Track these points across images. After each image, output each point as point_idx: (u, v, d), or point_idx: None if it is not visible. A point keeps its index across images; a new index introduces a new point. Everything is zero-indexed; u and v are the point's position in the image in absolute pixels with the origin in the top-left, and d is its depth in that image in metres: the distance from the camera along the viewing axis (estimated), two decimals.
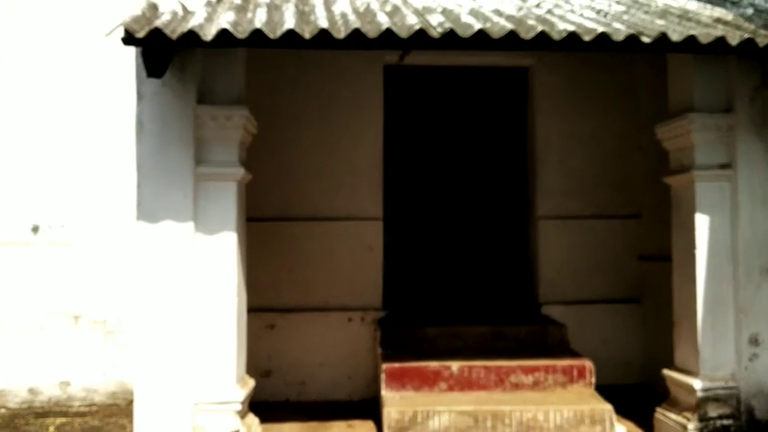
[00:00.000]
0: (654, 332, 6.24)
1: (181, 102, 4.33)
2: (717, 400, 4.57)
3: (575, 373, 5.20)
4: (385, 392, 5.10)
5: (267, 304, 6.11)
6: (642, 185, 6.46)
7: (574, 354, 5.54)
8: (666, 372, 4.93)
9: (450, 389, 5.13)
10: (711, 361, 4.61)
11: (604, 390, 5.19)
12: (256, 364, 5.94)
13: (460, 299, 6.56)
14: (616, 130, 6.53)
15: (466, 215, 6.69)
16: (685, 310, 4.79)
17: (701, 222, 4.65)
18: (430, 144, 6.72)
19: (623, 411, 5.27)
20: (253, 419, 4.69)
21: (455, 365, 5.16)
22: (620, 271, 6.47)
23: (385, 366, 5.16)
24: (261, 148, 5.92)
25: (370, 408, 5.73)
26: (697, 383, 4.59)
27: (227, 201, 4.40)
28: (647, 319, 6.38)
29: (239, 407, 4.35)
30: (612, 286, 6.45)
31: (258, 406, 5.39)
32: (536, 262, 6.48)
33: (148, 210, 4.32)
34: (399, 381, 5.12)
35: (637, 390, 6.29)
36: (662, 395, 5.55)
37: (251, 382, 4.69)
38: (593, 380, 5.22)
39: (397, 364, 5.17)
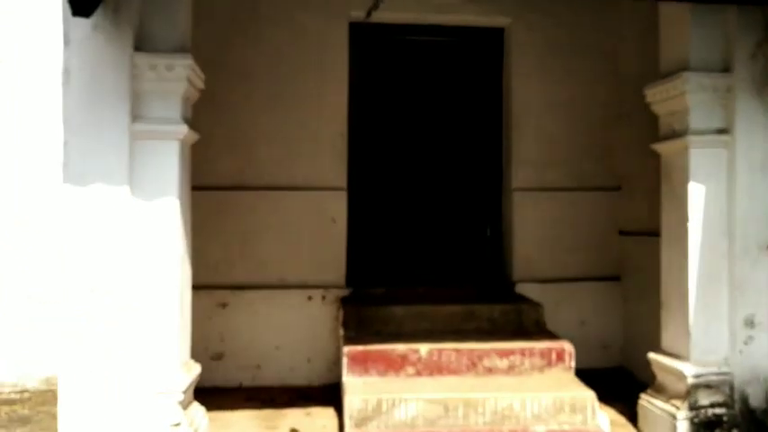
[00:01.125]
0: (634, 312, 5.86)
1: (115, 48, 3.77)
2: (708, 386, 4.19)
3: (553, 356, 4.78)
4: (346, 378, 4.64)
5: (219, 281, 5.61)
6: (624, 156, 6.05)
7: (551, 335, 5.12)
8: (653, 356, 4.53)
9: (419, 374, 4.68)
10: (703, 344, 4.22)
11: (582, 374, 4.79)
12: (207, 345, 5.46)
13: (430, 276, 6.11)
14: (598, 96, 6.10)
15: (436, 186, 6.22)
16: (675, 289, 4.38)
17: (695, 193, 4.23)
18: (399, 109, 6.22)
19: (602, 397, 4.86)
20: (198, 409, 4.19)
21: (424, 348, 4.70)
22: (600, 247, 6.07)
23: (347, 349, 4.69)
24: (211, 110, 5.43)
25: (331, 393, 5.27)
26: (687, 369, 4.19)
27: (168, 162, 3.86)
28: (627, 298, 5.99)
29: (181, 396, 3.85)
30: (592, 263, 6.05)
31: (209, 392, 4.94)
32: (510, 237, 6.04)
33: (77, 171, 3.76)
34: (362, 365, 4.66)
35: (615, 374, 5.91)
36: (642, 380, 5.25)
37: (196, 368, 4.19)
38: (573, 364, 4.81)
39: (360, 347, 4.70)
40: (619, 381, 5.72)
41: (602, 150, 6.11)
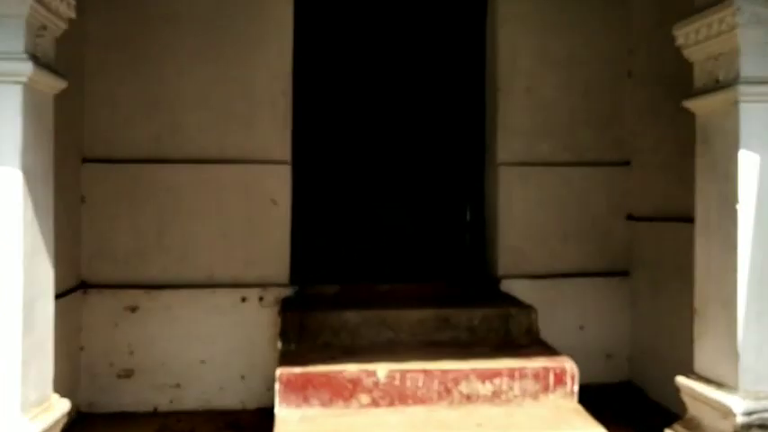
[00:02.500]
0: (646, 315, 4.77)
1: None
2: (764, 427, 3.09)
3: (551, 378, 3.68)
4: (279, 410, 3.50)
5: (128, 278, 4.45)
6: (634, 124, 4.94)
7: (548, 349, 4.02)
8: (683, 381, 3.42)
9: (375, 404, 3.55)
10: (757, 369, 3.11)
11: (580, 391, 3.73)
12: (112, 360, 4.33)
13: (395, 270, 4.98)
14: (603, 50, 4.97)
15: (404, 161, 5.09)
16: (716, 293, 3.27)
17: (747, 164, 3.11)
18: (357, 64, 5.06)
19: (607, 422, 3.79)
20: None
21: (382, 370, 3.57)
22: (603, 235, 4.96)
23: (281, 372, 3.55)
24: (121, 60, 4.31)
25: (270, 419, 4.12)
26: (735, 403, 3.08)
27: (6, 116, 2.67)
28: (637, 297, 4.89)
29: None
30: (594, 255, 4.94)
31: (113, 419, 3.97)
32: (495, 223, 4.91)
33: None
34: (301, 392, 3.52)
35: (622, 391, 4.83)
36: (656, 400, 4.48)
37: (60, 407, 3.00)
38: (576, 388, 3.70)
39: (298, 370, 3.56)
40: (626, 400, 4.65)
41: (608, 117, 4.99)
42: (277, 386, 3.51)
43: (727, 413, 3.11)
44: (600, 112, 4.97)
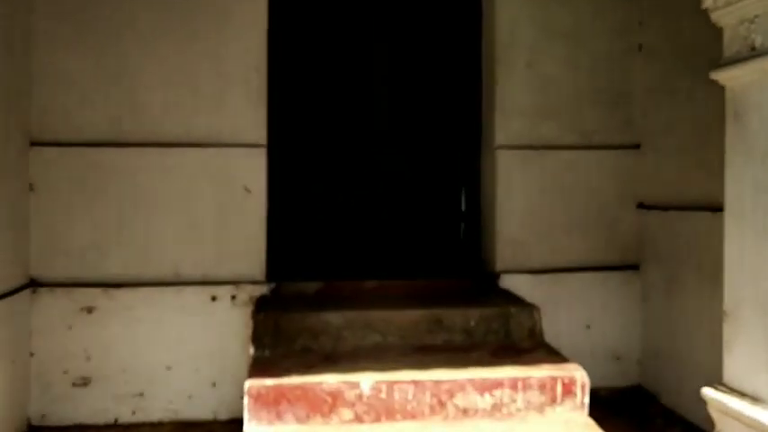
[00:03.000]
0: (658, 313, 4.34)
1: None
2: None
3: (558, 388, 3.24)
4: (248, 427, 3.06)
5: (85, 276, 3.99)
6: (645, 103, 4.49)
7: (554, 353, 3.58)
8: (710, 394, 2.98)
9: (359, 420, 3.11)
10: None
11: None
12: (67, 367, 3.89)
13: (383, 265, 4.53)
14: (611, 21, 4.51)
15: (393, 144, 4.63)
16: (750, 292, 2.82)
17: None
18: (341, 37, 4.59)
19: None
20: None
21: (367, 380, 3.13)
22: (611, 225, 4.51)
23: (250, 384, 3.09)
24: (71, 33, 3.90)
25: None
26: None
27: None
28: (648, 294, 4.45)
29: None
30: (601, 247, 4.50)
31: None
32: (492, 212, 4.46)
33: None
34: (274, 408, 3.07)
35: (631, 396, 4.41)
36: (670, 407, 4.11)
37: None
38: (587, 399, 3.26)
39: (270, 381, 3.11)
40: (637, 407, 4.24)
41: (616, 95, 4.53)
42: (246, 401, 3.06)
43: None
44: (608, 89, 4.52)
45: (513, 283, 4.32)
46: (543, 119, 4.44)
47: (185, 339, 4.03)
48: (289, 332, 3.60)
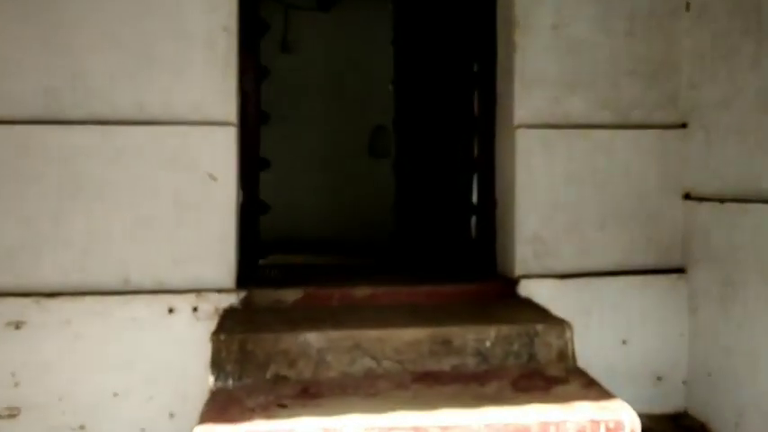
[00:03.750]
0: (711, 326, 3.60)
1: None
2: None
3: None
4: None
5: (9, 283, 3.26)
6: (693, 72, 3.74)
7: (592, 385, 2.83)
8: None
9: None
10: None
11: None
12: None
13: (378, 268, 3.80)
14: None
15: (389, 121, 3.89)
16: None
17: None
18: None
19: None
20: None
21: (353, 428, 2.39)
22: (652, 220, 3.77)
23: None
24: None
25: None
26: None
27: None
28: (698, 303, 3.70)
29: None
30: (640, 246, 3.76)
31: None
32: (510, 205, 3.72)
33: None
34: None
35: (676, 425, 3.67)
36: None
37: None
38: None
39: (225, 429, 2.37)
40: None
41: (659, 64, 3.78)
42: None
43: None
44: (649, 56, 3.76)
45: (535, 289, 3.59)
46: (571, 92, 3.70)
47: (136, 360, 3.29)
48: (258, 357, 2.87)
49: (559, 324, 3.11)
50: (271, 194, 3.89)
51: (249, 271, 3.64)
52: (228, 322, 3.10)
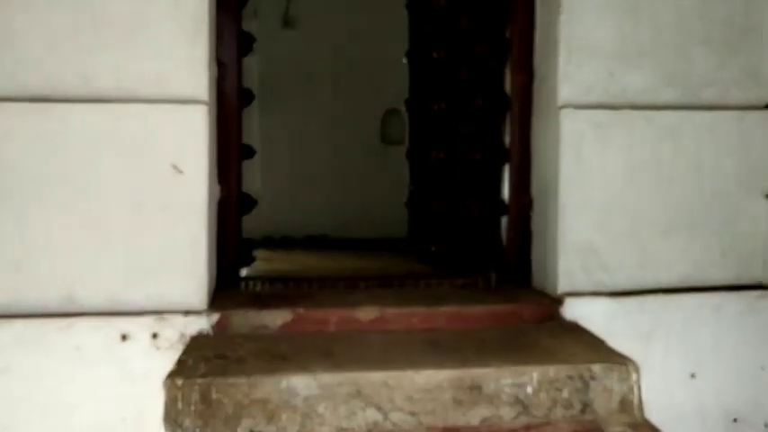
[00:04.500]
0: None
1: None
2: None
3: None
4: None
5: None
6: None
7: None
8: None
9: None
10: None
11: None
12: None
13: (384, 282, 3.09)
14: None
15: (402, 95, 3.17)
16: None
17: None
18: None
19: None
20: None
21: None
22: (730, 224, 3.04)
23: None
24: None
25: None
26: None
27: None
28: None
29: None
30: (714, 257, 3.03)
31: None
32: (553, 203, 2.98)
33: None
34: None
35: None
36: None
37: None
38: None
39: None
40: None
41: (738, 32, 3.03)
42: None
43: None
44: (727, 21, 3.01)
45: (584, 311, 2.86)
46: (630, 64, 2.96)
47: (80, 402, 2.60)
48: (227, 408, 2.17)
49: (622, 363, 2.38)
50: (267, 186, 3.25)
51: (228, 285, 2.95)
52: (192, 357, 2.39)
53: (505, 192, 3.24)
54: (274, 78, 5.80)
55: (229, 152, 2.94)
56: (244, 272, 3.27)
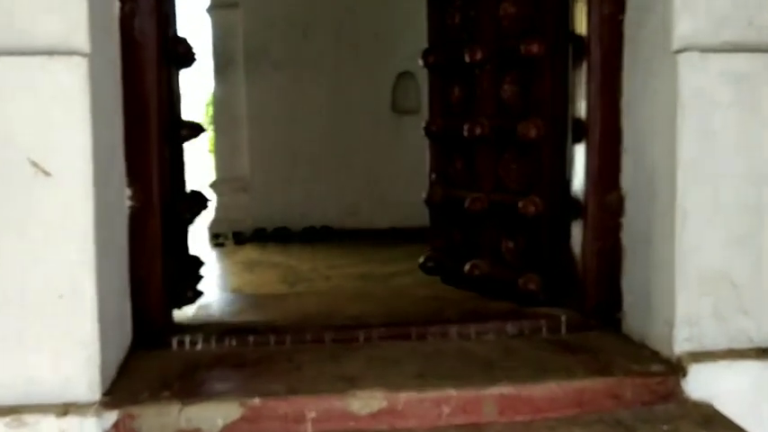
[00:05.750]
0: None
1: None
2: None
3: None
4: None
5: None
6: None
7: None
8: None
9: None
10: None
11: None
12: None
13: (390, 333, 2.00)
14: None
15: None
16: None
17: None
18: None
19: None
20: None
21: None
22: None
23: None
24: None
25: None
26: None
27: None
28: None
29: None
30: None
31: None
32: (662, 206, 1.86)
33: None
34: None
35: None
36: None
37: None
38: None
39: None
40: None
41: None
42: None
43: None
44: None
45: (723, 384, 1.75)
46: None
47: None
48: None
49: None
50: (257, 169, 2.27)
51: (151, 342, 1.88)
52: None
53: (578, 184, 2.13)
54: (262, 37, 5.19)
55: (144, 134, 1.85)
56: (192, 309, 2.21)
